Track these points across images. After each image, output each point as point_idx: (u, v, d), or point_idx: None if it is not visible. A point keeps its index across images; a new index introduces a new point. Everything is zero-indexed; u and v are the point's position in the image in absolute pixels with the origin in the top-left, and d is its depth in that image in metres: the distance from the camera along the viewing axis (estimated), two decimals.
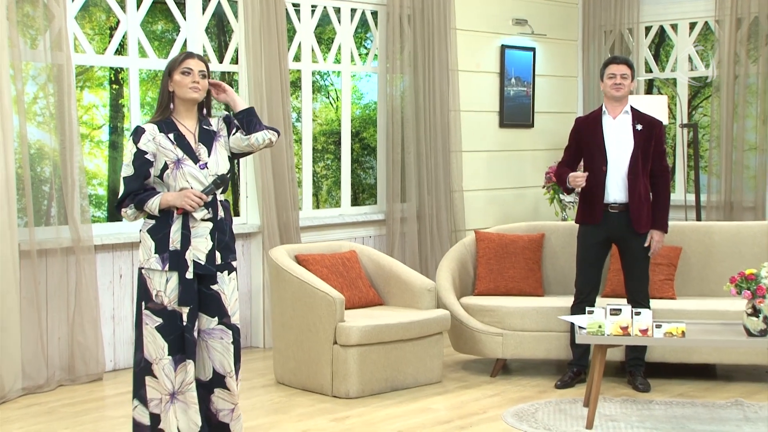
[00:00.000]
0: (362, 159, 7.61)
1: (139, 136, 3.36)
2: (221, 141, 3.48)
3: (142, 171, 3.35)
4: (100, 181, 6.70)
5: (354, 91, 7.24)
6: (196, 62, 3.41)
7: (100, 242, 4.86)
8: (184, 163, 3.36)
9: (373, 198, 6.41)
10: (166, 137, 3.38)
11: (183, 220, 3.35)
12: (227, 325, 3.43)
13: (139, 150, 3.34)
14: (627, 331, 3.94)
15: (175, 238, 3.35)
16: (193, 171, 3.37)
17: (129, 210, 3.36)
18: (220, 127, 3.52)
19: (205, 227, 3.38)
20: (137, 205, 3.34)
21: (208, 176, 3.39)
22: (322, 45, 6.10)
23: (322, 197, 7.69)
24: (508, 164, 6.90)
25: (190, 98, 3.39)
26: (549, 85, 7.12)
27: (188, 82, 3.38)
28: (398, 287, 4.93)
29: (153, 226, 3.37)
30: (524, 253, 5.25)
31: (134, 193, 3.34)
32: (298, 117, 6.18)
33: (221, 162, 3.44)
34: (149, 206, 3.32)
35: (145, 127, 3.39)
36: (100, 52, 5.36)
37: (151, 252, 3.36)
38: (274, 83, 5.38)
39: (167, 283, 3.34)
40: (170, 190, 3.36)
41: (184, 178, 3.35)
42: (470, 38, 6.57)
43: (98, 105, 6.64)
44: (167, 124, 3.41)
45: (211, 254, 3.38)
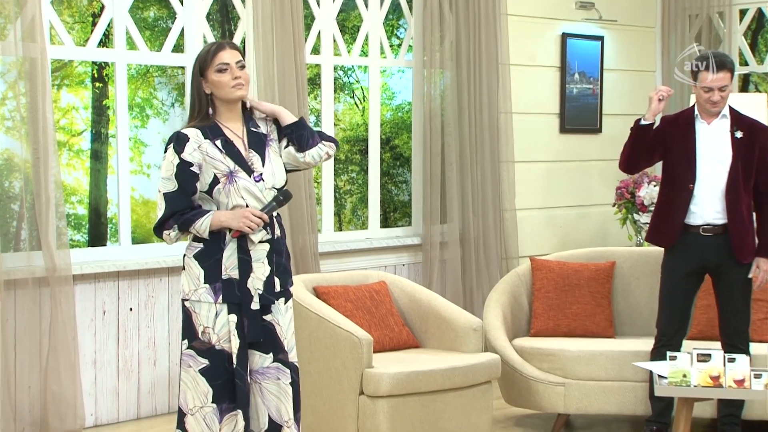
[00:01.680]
0: (394, 171, 7.61)
1: (183, 144, 3.38)
2: (273, 146, 3.53)
3: (189, 186, 3.38)
4: (80, 198, 6.75)
5: (384, 89, 7.26)
6: (230, 53, 3.45)
7: (79, 271, 4.89)
8: (237, 175, 3.39)
9: (407, 218, 6.40)
10: (213, 144, 3.41)
11: (239, 242, 3.39)
12: (284, 362, 3.47)
13: (183, 161, 3.37)
14: (719, 381, 3.89)
15: (230, 265, 3.39)
16: (249, 185, 3.41)
17: (173, 232, 3.39)
18: (270, 129, 3.56)
19: (262, 250, 3.44)
20: (182, 226, 3.37)
21: (264, 190, 3.43)
22: (346, 34, 6.14)
23: (346, 217, 7.70)
24: (571, 177, 6.88)
25: (237, 97, 3.44)
26: (620, 82, 7.09)
27: (228, 80, 3.41)
28: (437, 326, 4.92)
29: (201, 251, 3.41)
30: (590, 286, 5.22)
31: (180, 213, 3.37)
32: (317, 120, 6.20)
33: (277, 172, 3.48)
34: (198, 228, 3.35)
35: (188, 132, 3.42)
36: (80, 43, 5.42)
37: (199, 282, 3.39)
38: (288, 80, 5.41)
39: (216, 318, 3.38)
40: (221, 207, 3.41)
41: (238, 193, 3.39)
42: (525, 25, 6.58)
43: (78, 107, 6.70)
44: (212, 129, 3.44)
45: (270, 281, 3.44)
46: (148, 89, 6.82)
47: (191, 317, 3.42)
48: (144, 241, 5.60)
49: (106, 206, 6.48)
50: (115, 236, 5.53)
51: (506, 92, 6.36)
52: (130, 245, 5.16)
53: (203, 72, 3.45)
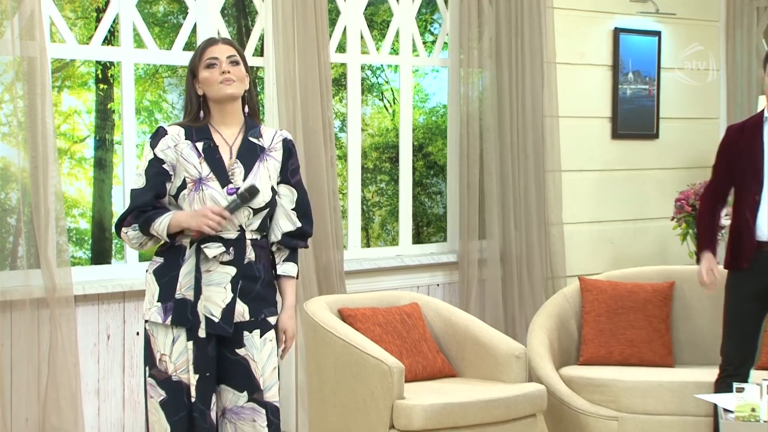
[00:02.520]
0: (427, 181, 7.61)
1: (157, 139, 3.43)
2: (269, 163, 3.51)
3: (157, 184, 3.41)
4: (83, 210, 6.79)
5: (417, 91, 7.26)
6: (221, 48, 3.48)
7: (81, 291, 4.91)
8: (206, 183, 3.40)
9: (442, 233, 6.40)
10: (192, 146, 3.44)
11: (197, 259, 3.39)
12: (260, 402, 3.45)
13: (155, 157, 3.41)
14: None
15: (185, 283, 3.39)
16: (216, 196, 3.40)
17: (131, 231, 3.40)
18: (275, 146, 3.55)
19: (223, 273, 3.41)
20: (143, 225, 3.38)
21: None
22: (375, 30, 6.15)
23: (374, 232, 7.70)
24: (624, 188, 6.85)
25: (225, 95, 3.44)
26: (680, 82, 7.06)
27: (216, 77, 3.43)
28: (476, 353, 4.90)
29: (160, 266, 3.43)
30: (647, 309, 5.20)
31: (140, 210, 3.40)
32: (343, 125, 6.21)
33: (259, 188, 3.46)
34: (156, 228, 3.36)
35: (168, 129, 3.47)
36: (83, 41, 5.45)
37: (153, 299, 3.41)
38: (311, 81, 5.43)
39: (173, 345, 3.38)
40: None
41: (201, 202, 3.40)
42: (573, 20, 6.56)
43: (81, 111, 6.74)
44: (199, 131, 3.47)
45: (229, 309, 3.41)
46: (157, 91, 6.85)
47: (150, 341, 3.43)
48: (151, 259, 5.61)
49: (111, 220, 6.51)
50: (120, 253, 5.55)
51: (552, 94, 6.35)
52: (136, 263, 5.17)
53: (194, 72, 3.49)
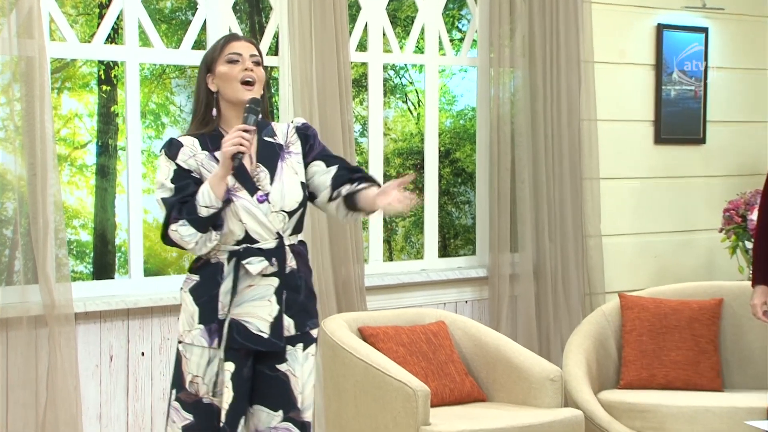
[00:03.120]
0: (455, 190, 7.60)
1: (175, 150, 3.45)
2: (291, 160, 3.55)
3: (185, 188, 3.40)
4: (84, 221, 6.81)
5: (443, 92, 7.26)
6: (244, 45, 3.51)
7: (83, 308, 4.93)
8: (235, 194, 3.42)
9: (471, 246, 6.38)
10: (211, 156, 3.45)
11: (235, 273, 3.41)
12: (295, 422, 3.48)
13: (179, 167, 3.42)
14: None
15: (227, 302, 3.42)
16: (249, 206, 3.43)
17: (182, 227, 3.36)
18: (291, 140, 3.59)
19: (266, 285, 3.45)
20: (189, 213, 3.36)
21: (269, 213, 3.45)
22: (398, 27, 6.15)
23: (398, 244, 7.69)
24: (668, 197, 6.83)
25: (243, 99, 3.46)
26: (728, 82, 7.04)
27: (237, 72, 3.45)
28: (507, 375, 4.89)
29: (197, 285, 3.46)
30: (693, 327, 5.18)
31: (180, 202, 3.38)
32: (364, 129, 6.21)
33: (289, 193, 3.49)
34: (202, 200, 3.33)
35: (182, 140, 3.48)
36: (85, 39, 5.47)
37: (194, 321, 3.44)
38: (329, 82, 5.43)
39: (208, 366, 3.42)
40: (218, 228, 3.42)
41: (235, 216, 3.42)
42: (612, 15, 6.56)
43: (82, 114, 6.77)
44: (213, 139, 3.48)
45: (277, 323, 3.45)
46: (164, 93, 6.86)
47: (181, 363, 3.46)
48: (159, 273, 5.63)
49: (115, 232, 6.52)
50: (124, 267, 5.57)
51: (590, 95, 6.34)
52: (142, 278, 5.18)
53: (210, 66, 3.50)
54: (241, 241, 3.44)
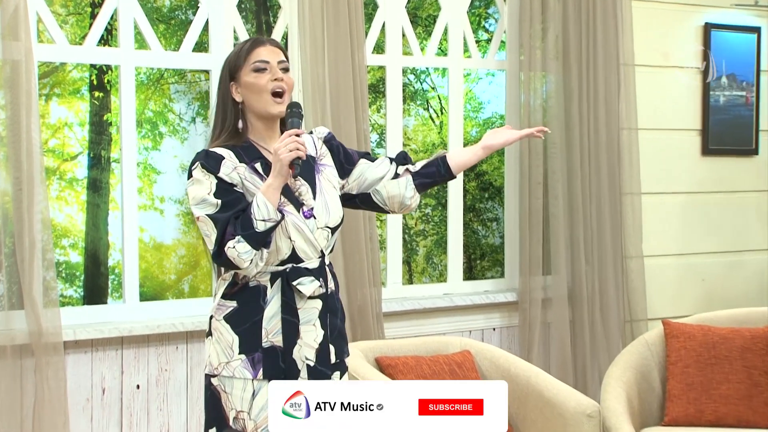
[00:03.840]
0: (481, 206, 7.60)
1: (215, 162, 3.41)
2: (326, 173, 3.60)
3: (234, 202, 3.40)
4: (74, 241, 6.82)
5: (469, 99, 7.26)
6: (270, 50, 3.52)
7: (72, 337, 4.93)
8: (284, 209, 3.44)
9: (499, 268, 6.37)
10: (252, 169, 3.46)
11: (284, 296, 3.42)
12: None
13: (222, 180, 3.41)
14: None
15: (272, 329, 3.42)
16: (298, 222, 3.46)
17: (239, 245, 3.33)
18: (322, 152, 3.64)
19: (311, 308, 3.46)
20: (245, 227, 3.34)
21: (315, 230, 3.48)
22: (419, 27, 6.15)
23: (418, 266, 7.69)
24: (718, 214, 6.81)
25: (273, 113, 3.49)
26: None
27: (266, 83, 3.47)
28: (539, 410, 4.89)
29: (234, 312, 3.44)
30: (745, 358, 5.17)
31: (234, 216, 3.37)
32: (381, 139, 6.21)
33: (332, 207, 3.56)
34: (258, 214, 3.33)
35: (218, 151, 3.46)
36: (76, 41, 5.48)
37: (233, 351, 3.42)
38: (343, 87, 5.44)
39: (253, 399, 3.40)
40: (267, 246, 3.41)
41: (285, 233, 3.44)
42: (655, 13, 6.55)
43: (72, 123, 6.79)
44: (247, 150, 3.49)
45: (324, 349, 3.48)
46: (162, 100, 6.88)
47: (220, 399, 3.44)
48: (156, 298, 5.64)
49: (108, 252, 6.53)
50: (118, 291, 5.58)
51: (630, 102, 6.33)
52: (137, 303, 5.19)
53: (234, 74, 3.51)
54: (285, 261, 3.46)
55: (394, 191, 3.69)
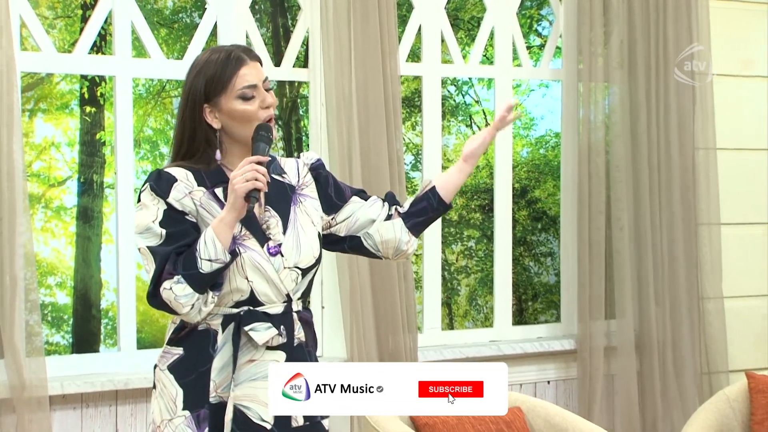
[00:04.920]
0: (533, 238, 7.59)
1: (166, 185, 3.42)
2: (305, 204, 3.58)
3: (181, 235, 3.38)
4: (62, 279, 6.84)
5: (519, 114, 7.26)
6: (254, 69, 3.49)
7: (60, 390, 4.93)
8: (242, 243, 3.41)
9: (554, 310, 6.38)
10: (211, 194, 3.45)
11: (235, 343, 3.40)
12: None
13: (170, 207, 3.41)
14: None
15: (222, 381, 3.40)
16: (259, 259, 3.42)
17: (177, 285, 3.32)
18: (305, 181, 3.63)
19: (272, 361, 3.42)
20: (187, 266, 3.33)
21: (281, 269, 3.45)
22: (461, 31, 6.15)
23: (460, 308, 7.67)
24: None
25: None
26: None
27: (255, 112, 3.45)
28: None
29: (180, 360, 3.43)
30: None
31: (175, 252, 3.35)
32: (417, 161, 6.21)
33: (306, 244, 3.51)
34: (204, 251, 3.31)
35: (173, 172, 3.45)
36: (65, 49, 5.51)
37: (176, 407, 3.41)
38: (373, 101, 5.45)
39: None
40: (215, 288, 3.39)
41: (241, 272, 3.41)
42: (736, 16, 6.54)
43: (60, 143, 6.83)
44: (210, 173, 3.48)
45: None
46: (164, 116, 6.91)
47: None
48: (156, 345, 5.64)
49: (100, 292, 6.56)
50: (112, 338, 5.59)
51: (707, 117, 6.31)
52: (134, 351, 5.19)
53: (211, 97, 3.46)
54: (241, 303, 3.43)
55: (388, 235, 3.66)
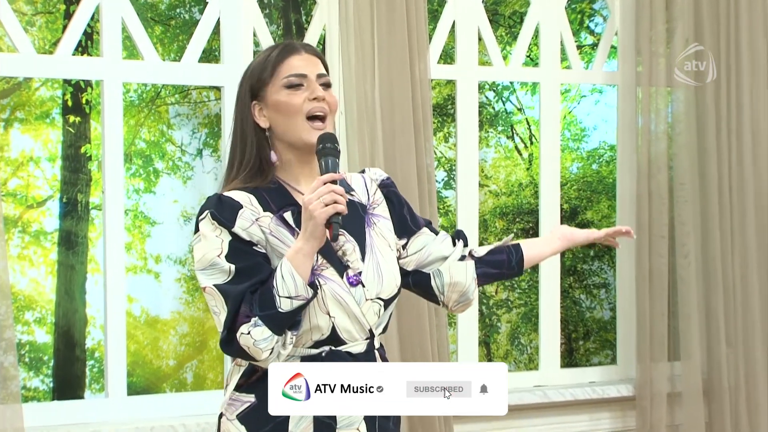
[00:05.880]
0: (585, 267, 7.59)
1: (230, 211, 3.42)
2: (380, 227, 3.62)
3: (254, 271, 3.38)
4: (41, 314, 6.86)
5: (568, 124, 7.25)
6: (307, 59, 3.53)
7: None
8: (320, 274, 3.42)
9: (609, 351, 6.38)
10: (279, 220, 3.45)
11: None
12: None
13: (238, 237, 3.40)
14: None
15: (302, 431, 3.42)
16: (339, 291, 3.44)
17: (255, 329, 3.32)
18: (376, 199, 3.67)
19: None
20: (264, 305, 3.32)
21: (363, 301, 3.47)
22: (501, 28, 6.15)
23: (500, 348, 7.67)
24: None
25: (311, 141, 3.45)
26: None
27: (302, 103, 3.46)
28: None
29: (252, 408, 3.46)
30: None
31: (250, 291, 3.35)
32: (450, 178, 6.19)
33: (387, 271, 3.56)
34: (283, 287, 3.31)
35: (234, 195, 3.45)
36: (45, 49, 5.51)
37: None
38: (399, 108, 5.45)
39: None
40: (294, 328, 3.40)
41: (322, 306, 3.42)
42: None
43: (40, 157, 6.84)
44: (276, 194, 3.49)
45: None
46: (159, 126, 6.92)
47: None
48: (149, 390, 5.64)
49: (85, 330, 6.56)
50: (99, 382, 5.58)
51: None
52: (123, 398, 5.18)
53: (258, 91, 3.49)
54: (320, 343, 3.45)
55: (459, 277, 3.69)
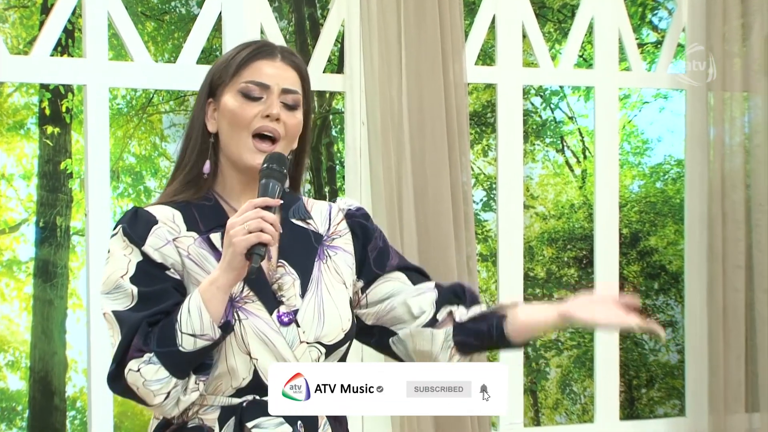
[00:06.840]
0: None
1: (143, 227, 3.41)
2: (336, 260, 3.62)
3: (159, 298, 3.35)
4: (15, 357, 6.89)
5: (628, 134, 7.25)
6: (278, 67, 3.51)
7: None
8: (242, 307, 3.40)
9: (677, 400, 6.40)
10: (205, 242, 3.44)
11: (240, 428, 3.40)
12: None
13: (148, 258, 3.38)
14: None
15: None
16: (264, 328, 3.42)
17: (147, 366, 3.29)
18: (337, 229, 3.66)
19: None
20: (162, 341, 3.30)
21: (297, 344, 3.44)
22: (548, 24, 6.15)
23: (549, 397, 7.65)
24: None
25: (251, 166, 3.43)
26: None
27: (250, 117, 3.44)
28: None
29: None
30: None
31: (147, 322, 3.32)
32: (490, 197, 6.18)
33: (332, 311, 3.52)
34: (188, 324, 3.28)
35: (153, 211, 3.44)
36: (20, 49, 5.51)
37: None
38: (431, 116, 5.48)
39: None
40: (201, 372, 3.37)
41: (242, 344, 3.39)
42: None
43: (13, 174, 6.87)
44: (208, 212, 3.48)
45: None
46: (151, 138, 6.93)
47: None
48: None
49: (65, 375, 6.58)
50: None
51: None
52: None
53: (215, 89, 3.50)
54: (243, 390, 3.43)
55: (424, 346, 3.66)
